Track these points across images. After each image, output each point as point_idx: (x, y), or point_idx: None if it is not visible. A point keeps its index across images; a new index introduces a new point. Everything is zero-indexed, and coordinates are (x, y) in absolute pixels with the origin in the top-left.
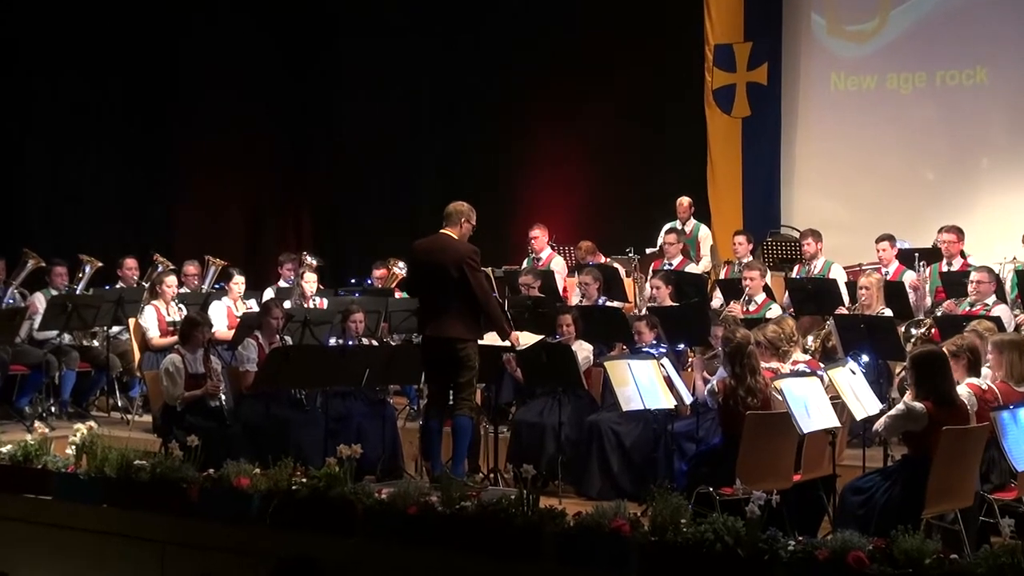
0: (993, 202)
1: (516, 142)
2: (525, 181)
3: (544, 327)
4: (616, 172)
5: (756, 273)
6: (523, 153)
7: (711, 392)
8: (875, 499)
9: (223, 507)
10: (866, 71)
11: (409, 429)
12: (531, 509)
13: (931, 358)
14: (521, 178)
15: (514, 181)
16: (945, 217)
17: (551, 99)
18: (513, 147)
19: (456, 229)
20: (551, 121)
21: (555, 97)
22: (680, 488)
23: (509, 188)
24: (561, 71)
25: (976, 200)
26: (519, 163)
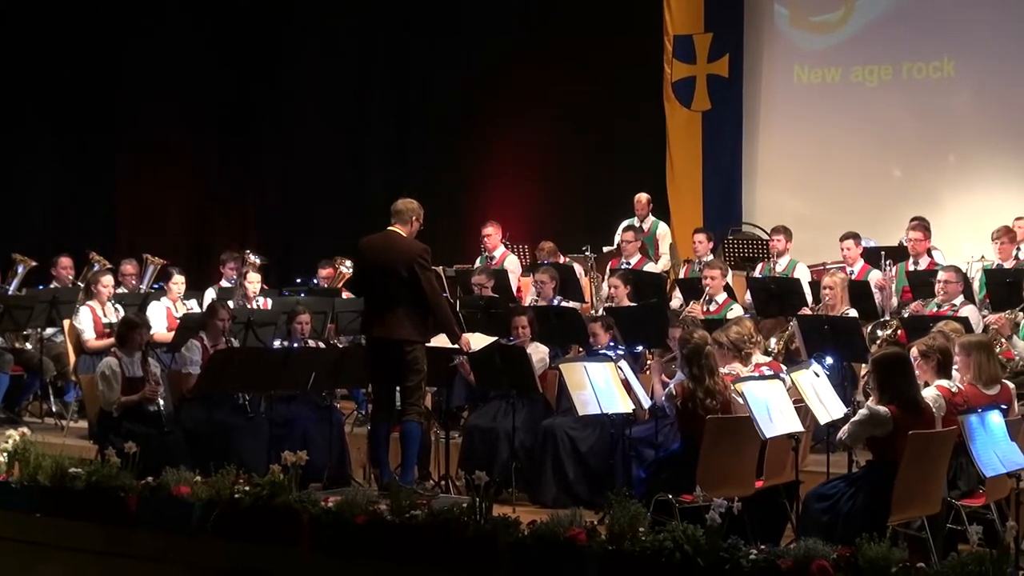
0: (961, 199)
1: (469, 138)
2: (478, 178)
3: (497, 328)
4: (572, 168)
5: (717, 272)
6: (476, 149)
7: (668, 396)
8: (839, 506)
9: (162, 517)
10: (830, 63)
11: (357, 435)
12: (484, 518)
13: (895, 360)
14: (474, 174)
15: (466, 177)
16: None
17: (506, 93)
18: (466, 143)
19: (405, 227)
20: (505, 115)
21: (510, 91)
22: (638, 495)
23: (461, 184)
24: (516, 64)
25: (943, 197)
26: (472, 159)
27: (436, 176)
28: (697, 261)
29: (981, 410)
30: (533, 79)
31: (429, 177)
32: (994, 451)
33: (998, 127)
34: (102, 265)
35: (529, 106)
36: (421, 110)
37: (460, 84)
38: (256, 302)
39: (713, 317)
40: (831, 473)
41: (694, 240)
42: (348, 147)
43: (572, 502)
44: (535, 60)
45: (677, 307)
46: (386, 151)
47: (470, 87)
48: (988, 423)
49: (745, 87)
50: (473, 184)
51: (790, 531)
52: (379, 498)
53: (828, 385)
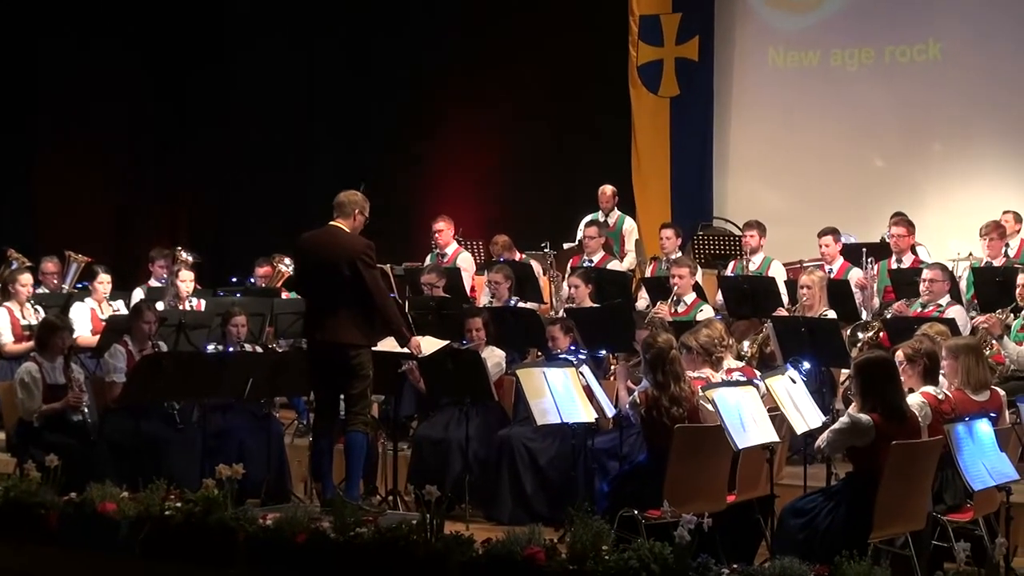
0: (947, 192)
1: (419, 126)
2: (429, 169)
3: (450, 331)
4: (531, 158)
5: (686, 271)
6: (427, 138)
7: (632, 404)
8: (817, 522)
9: (86, 535)
10: (808, 46)
11: (297, 446)
12: (435, 536)
13: (877, 364)
14: (425, 165)
15: (417, 169)
16: (894, 209)
17: (459, 79)
18: (415, 132)
19: (348, 221)
20: (459, 102)
21: (464, 76)
22: (601, 511)
23: (410, 176)
24: (471, 47)
25: (928, 190)
26: (423, 149)
27: (383, 167)
28: (665, 258)
29: (969, 418)
30: (489, 64)
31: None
32: (982, 462)
33: (987, 114)
34: (20, 263)
35: (485, 93)
36: (368, 96)
37: (409, 70)
38: (188, 303)
39: (682, 319)
40: (808, 486)
41: (661, 236)
42: (289, 137)
43: (530, 518)
44: (491, 43)
45: (643, 308)
46: (330, 141)
47: (420, 72)
48: (976, 432)
49: (716, 71)
50: (424, 176)
51: (764, 549)
52: (321, 515)
53: (805, 392)
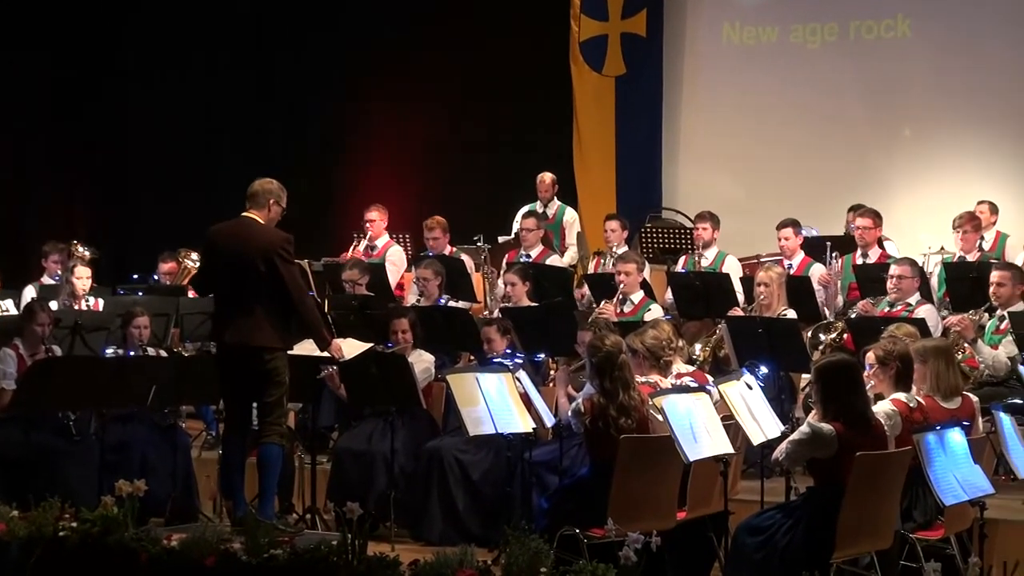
0: (917, 180)
1: (341, 110)
2: (352, 156)
3: (373, 332)
4: (464, 144)
5: (632, 267)
6: (351, 122)
7: (576, 412)
8: (775, 540)
9: None
10: (766, 21)
11: (205, 460)
12: (357, 558)
13: (840, 369)
14: (348, 152)
15: (338, 156)
16: (860, 199)
17: (386, 58)
18: (338, 116)
19: (263, 212)
20: (385, 84)
21: (391, 55)
22: (540, 529)
23: (332, 164)
24: (399, 23)
25: (897, 178)
26: (346, 134)
27: (302, 154)
28: (609, 253)
29: (940, 427)
30: (419, 41)
31: (294, 155)
32: (955, 475)
33: (961, 96)
34: None
35: (412, 73)
36: (286, 77)
37: (330, 49)
38: (85, 302)
39: (628, 319)
40: (766, 502)
41: (606, 228)
42: (197, 121)
43: (462, 538)
44: (422, 18)
45: (586, 307)
46: (242, 125)
47: (341, 51)
48: (948, 442)
49: (666, 48)
50: (346, 163)
51: (717, 570)
52: (232, 535)
53: (762, 399)
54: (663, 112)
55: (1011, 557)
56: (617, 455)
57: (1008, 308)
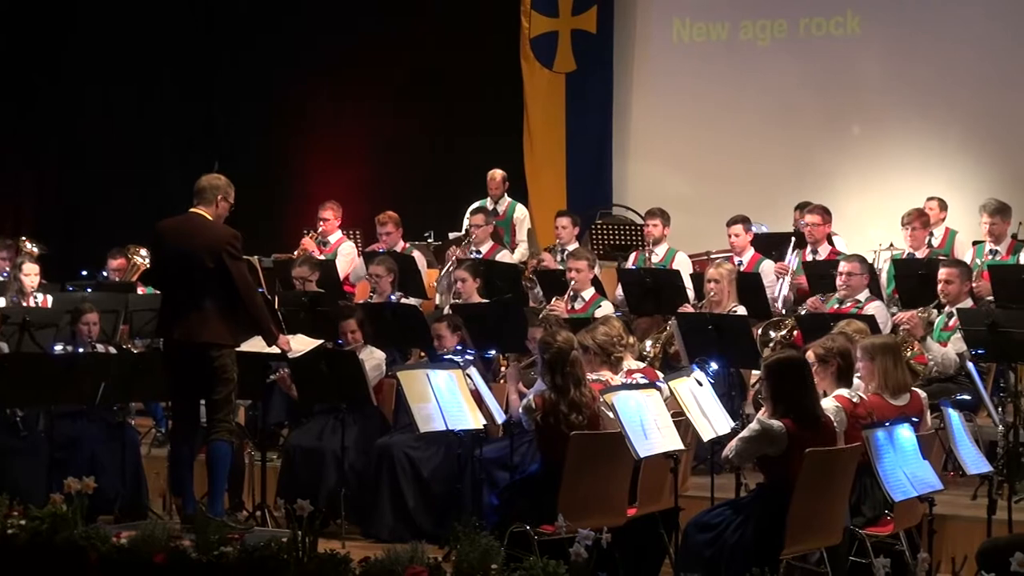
0: (866, 177)
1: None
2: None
3: (323, 329)
4: (414, 141)
5: (583, 263)
6: (301, 118)
7: (527, 409)
8: (725, 537)
9: None
10: (716, 17)
11: (155, 457)
12: (307, 555)
13: (791, 366)
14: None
15: (288, 152)
16: (809, 195)
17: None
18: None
19: (211, 208)
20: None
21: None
22: (490, 526)
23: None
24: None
25: (846, 174)
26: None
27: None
28: (560, 250)
29: (889, 423)
30: (369, 37)
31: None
32: (904, 471)
33: (910, 93)
34: None
35: (363, 70)
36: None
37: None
38: (33, 299)
39: (579, 316)
40: (716, 498)
41: (556, 225)
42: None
43: (412, 535)
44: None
45: (536, 304)
46: (191, 121)
47: (291, 48)
48: (897, 439)
49: (616, 45)
50: (296, 160)
51: (668, 566)
52: (182, 532)
53: (712, 395)
54: (613, 109)
55: (959, 552)
56: (567, 452)
57: (956, 305)
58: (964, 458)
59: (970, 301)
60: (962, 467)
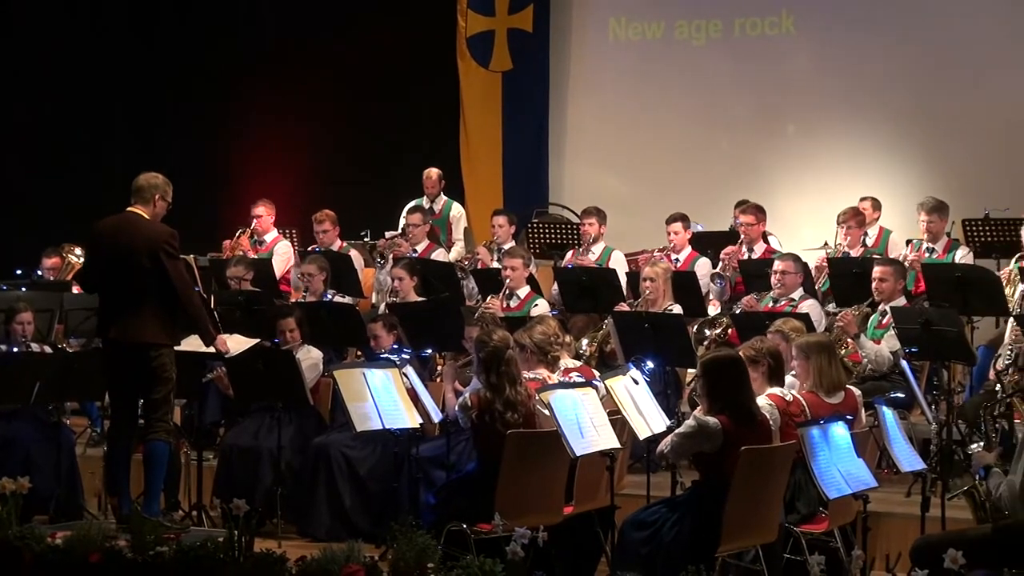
0: (801, 176)
1: (228, 107)
2: (239, 153)
3: (260, 328)
4: (350, 139)
5: (519, 262)
6: (237, 119)
7: (463, 407)
8: (661, 535)
9: None
10: (651, 17)
11: (90, 457)
12: (243, 554)
13: (726, 364)
14: (233, 147)
15: (224, 150)
16: (745, 194)
17: (274, 52)
18: (224, 109)
19: (148, 207)
20: (271, 79)
21: (278, 50)
22: (427, 525)
23: (218, 160)
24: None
25: (781, 174)
26: (232, 131)
27: (187, 149)
28: (496, 248)
29: (824, 421)
30: (305, 36)
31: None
32: (838, 469)
33: (844, 93)
34: None
35: (301, 66)
36: (171, 72)
37: (215, 45)
38: None
39: (515, 314)
40: (652, 496)
41: (493, 223)
42: (81, 116)
43: (349, 534)
44: (308, 13)
45: (472, 303)
46: (127, 120)
47: (226, 46)
48: (832, 436)
49: (552, 44)
50: (232, 158)
51: (604, 565)
52: (118, 532)
53: (648, 393)
54: (550, 107)
55: (893, 550)
56: (504, 450)
57: (890, 303)
58: (898, 456)
59: (904, 299)
60: (896, 465)
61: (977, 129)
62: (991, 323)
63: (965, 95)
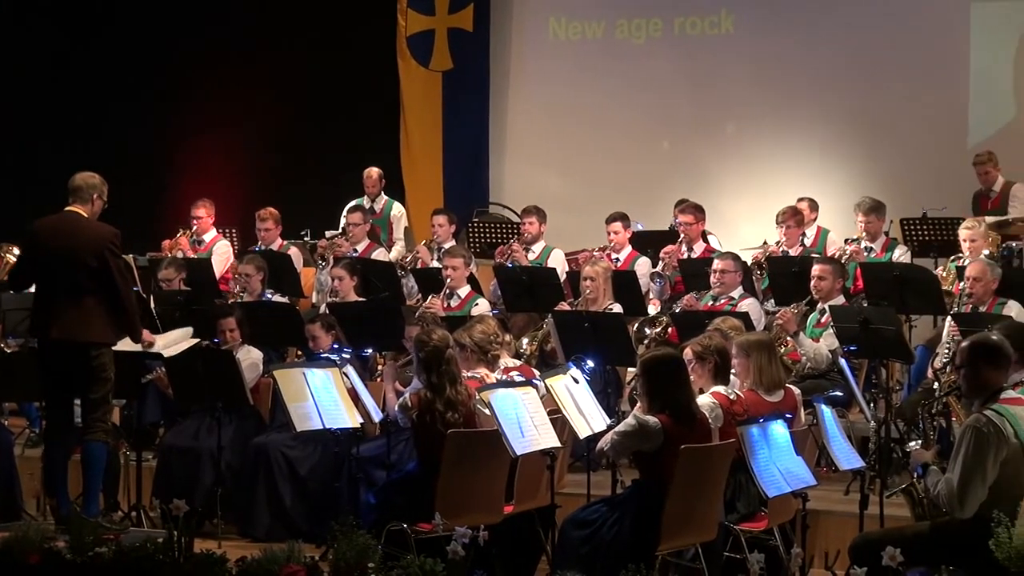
0: (740, 175)
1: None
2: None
3: (199, 328)
4: (291, 139)
5: (459, 261)
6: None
7: (403, 407)
8: (601, 534)
9: None
10: (592, 16)
11: (28, 458)
12: (183, 555)
13: (665, 362)
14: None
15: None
16: (685, 194)
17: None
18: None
19: (87, 207)
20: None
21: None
22: (367, 525)
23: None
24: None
25: (720, 173)
26: (170, 129)
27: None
28: (437, 248)
29: (763, 420)
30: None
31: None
32: (777, 467)
33: (783, 93)
34: None
35: (241, 65)
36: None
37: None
38: None
39: (455, 314)
40: (592, 495)
41: (433, 223)
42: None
43: (289, 534)
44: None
45: (413, 303)
46: (63, 120)
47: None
48: (771, 435)
49: (493, 43)
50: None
51: (545, 564)
52: (57, 533)
53: (588, 392)
54: (490, 107)
55: (832, 547)
56: (444, 450)
57: (829, 302)
58: (837, 454)
59: (842, 298)
60: (835, 463)
61: (913, 130)
62: (929, 322)
63: (902, 96)
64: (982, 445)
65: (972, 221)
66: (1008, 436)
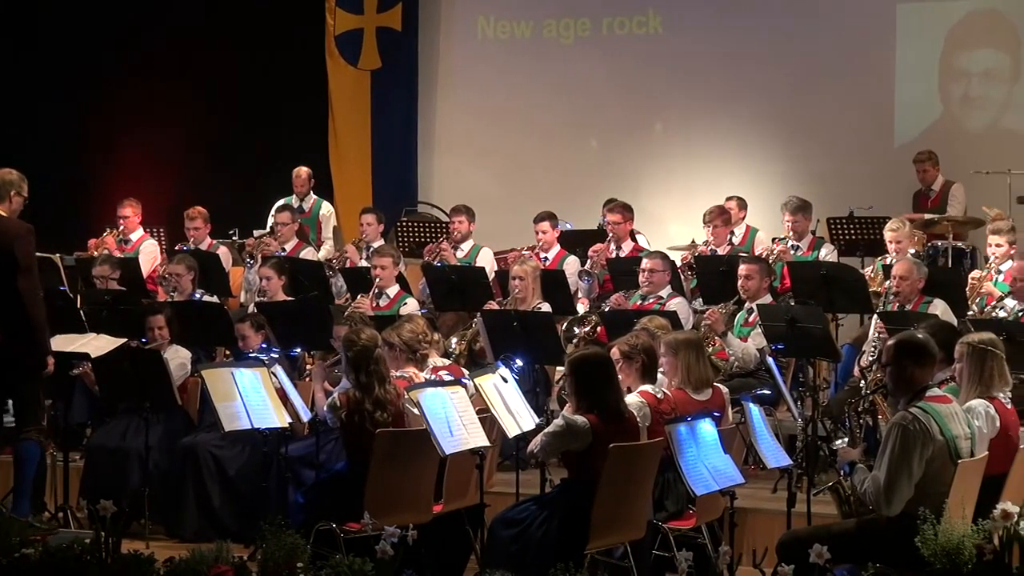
0: (668, 174)
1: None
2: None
3: (127, 327)
4: (218, 137)
5: (388, 260)
6: (106, 114)
7: (332, 407)
8: (530, 533)
9: None
10: (520, 16)
11: None
12: (111, 555)
13: (594, 362)
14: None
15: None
16: (613, 193)
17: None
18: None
19: (5, 204)
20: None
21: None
22: (296, 524)
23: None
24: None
25: (649, 172)
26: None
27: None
28: (365, 247)
29: (691, 418)
30: (173, 34)
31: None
32: (705, 465)
33: (710, 92)
34: None
35: (171, 63)
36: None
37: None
38: None
39: (384, 313)
40: (521, 494)
41: (362, 222)
42: None
43: (217, 534)
44: (180, 8)
45: (341, 302)
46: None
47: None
48: (699, 433)
49: (421, 42)
50: (98, 157)
51: (474, 563)
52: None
53: (517, 392)
54: (419, 106)
55: (760, 545)
56: (373, 449)
57: (756, 301)
58: (764, 452)
59: (769, 297)
60: (762, 460)
61: (841, 129)
62: (856, 320)
63: (829, 96)
64: (908, 443)
65: (897, 222)
66: (934, 434)
